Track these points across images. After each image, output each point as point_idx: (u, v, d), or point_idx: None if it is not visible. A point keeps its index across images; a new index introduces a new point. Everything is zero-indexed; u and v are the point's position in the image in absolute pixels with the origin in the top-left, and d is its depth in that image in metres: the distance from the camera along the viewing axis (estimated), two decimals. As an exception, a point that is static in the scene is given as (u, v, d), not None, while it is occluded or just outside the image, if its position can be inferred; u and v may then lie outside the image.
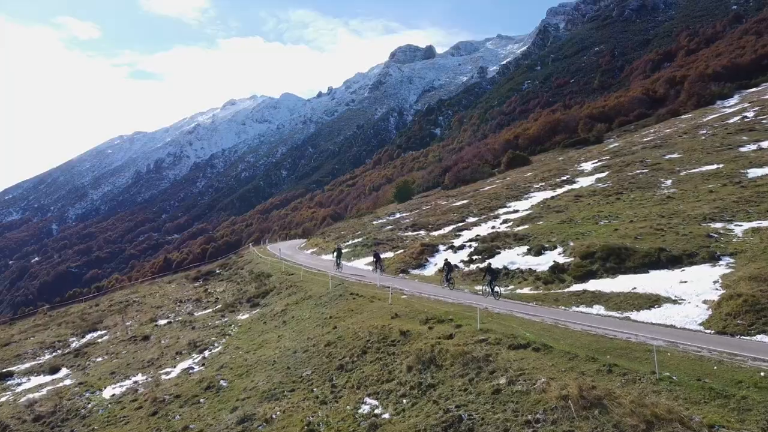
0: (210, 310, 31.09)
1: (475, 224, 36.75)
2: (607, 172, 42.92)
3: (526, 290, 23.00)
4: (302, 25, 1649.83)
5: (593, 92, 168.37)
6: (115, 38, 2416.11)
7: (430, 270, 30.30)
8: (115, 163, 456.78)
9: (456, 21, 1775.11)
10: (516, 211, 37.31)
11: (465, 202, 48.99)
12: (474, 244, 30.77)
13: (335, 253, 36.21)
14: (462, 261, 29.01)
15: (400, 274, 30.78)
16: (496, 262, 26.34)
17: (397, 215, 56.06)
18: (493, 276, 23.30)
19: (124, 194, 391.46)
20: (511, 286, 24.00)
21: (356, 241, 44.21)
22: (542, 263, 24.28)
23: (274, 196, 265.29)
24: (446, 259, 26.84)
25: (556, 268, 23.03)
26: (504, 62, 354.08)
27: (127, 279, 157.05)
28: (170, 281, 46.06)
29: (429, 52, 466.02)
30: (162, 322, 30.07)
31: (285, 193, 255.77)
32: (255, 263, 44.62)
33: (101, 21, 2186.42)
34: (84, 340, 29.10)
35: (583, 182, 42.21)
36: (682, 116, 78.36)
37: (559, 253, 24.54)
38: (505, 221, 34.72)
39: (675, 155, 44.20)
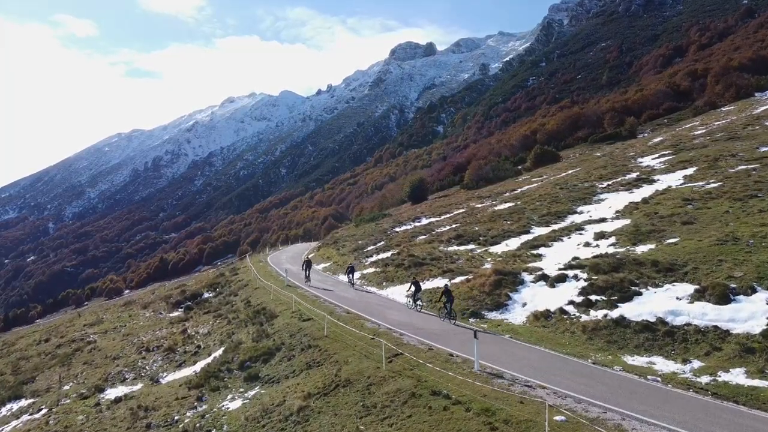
0: (184, 373, 21.59)
1: (551, 238, 27.59)
2: (692, 169, 34.54)
3: (739, 376, 12.94)
4: (300, 23, 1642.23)
5: (601, 88, 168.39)
6: (111, 36, 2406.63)
7: (517, 314, 20.43)
8: (112, 161, 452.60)
9: (455, 20, 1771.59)
10: (602, 220, 28.36)
11: (511, 205, 40.09)
12: (580, 273, 20.94)
13: (304, 265, 34.87)
14: (572, 303, 19.04)
15: (471, 320, 20.98)
16: (639, 309, 17.03)
17: (424, 220, 47.03)
18: (450, 299, 20.78)
19: (122, 192, 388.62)
20: (694, 362, 14.08)
21: (383, 256, 34.96)
22: (739, 318, 14.85)
23: (273, 195, 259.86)
24: None
25: (785, 334, 13.35)
26: (506, 59, 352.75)
27: (122, 280, 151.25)
28: (147, 305, 37.19)
29: (429, 50, 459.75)
30: (110, 394, 20.71)
31: (284, 192, 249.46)
32: (253, 288, 35.14)
33: (98, 19, 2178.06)
34: (-5, 418, 20.09)
35: (667, 181, 33.54)
36: (724, 108, 72.57)
37: (769, 302, 15.09)
38: (600, 235, 25.48)
39: (771, 148, 36.25)
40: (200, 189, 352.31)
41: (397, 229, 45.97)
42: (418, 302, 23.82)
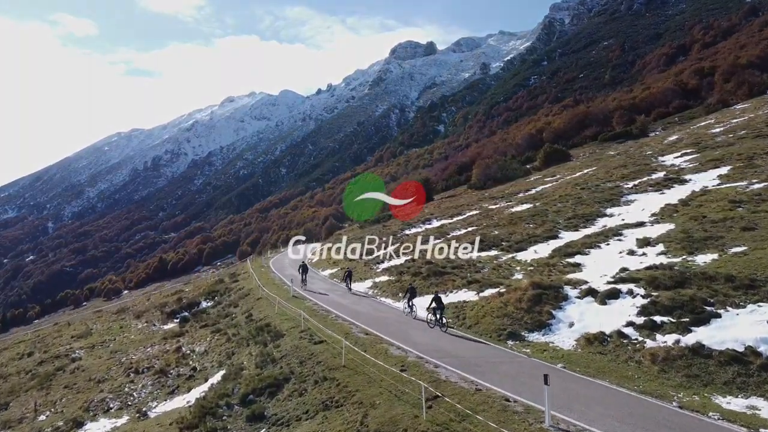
0: (176, 403, 18.89)
1: (587, 245, 24.90)
2: (726, 168, 32.21)
3: None
4: (299, 22, 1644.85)
5: (604, 87, 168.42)
6: (111, 35, 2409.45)
7: (563, 336, 17.39)
8: (112, 160, 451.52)
9: (454, 19, 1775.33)
10: (640, 224, 25.76)
11: (529, 206, 37.73)
12: (635, 288, 18.08)
13: (300, 268, 35.22)
14: (632, 325, 16.19)
15: (510, 342, 18.11)
16: (721, 336, 14.20)
17: (436, 222, 44.49)
18: (440, 306, 20.45)
19: (121, 192, 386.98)
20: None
21: (396, 262, 32.49)
22: None
23: (273, 195, 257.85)
24: None
25: None
26: (507, 58, 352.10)
27: (121, 280, 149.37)
28: (140, 314, 34.72)
29: (430, 49, 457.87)
30: (90, 429, 18.04)
31: (284, 192, 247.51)
32: (254, 298, 32.36)
33: (98, 18, 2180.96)
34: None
35: (701, 181, 31.45)
36: (738, 106, 71.05)
37: None
38: (644, 242, 22.80)
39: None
40: (200, 188, 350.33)
41: (407, 232, 43.52)
42: (413, 308, 23.66)
